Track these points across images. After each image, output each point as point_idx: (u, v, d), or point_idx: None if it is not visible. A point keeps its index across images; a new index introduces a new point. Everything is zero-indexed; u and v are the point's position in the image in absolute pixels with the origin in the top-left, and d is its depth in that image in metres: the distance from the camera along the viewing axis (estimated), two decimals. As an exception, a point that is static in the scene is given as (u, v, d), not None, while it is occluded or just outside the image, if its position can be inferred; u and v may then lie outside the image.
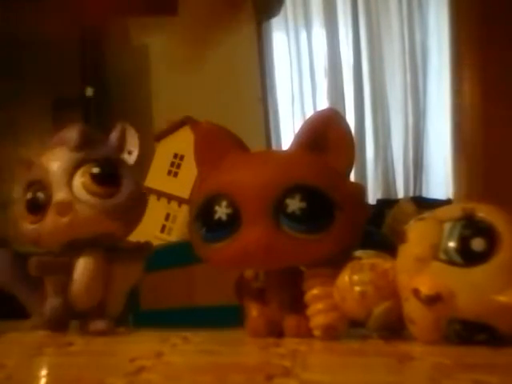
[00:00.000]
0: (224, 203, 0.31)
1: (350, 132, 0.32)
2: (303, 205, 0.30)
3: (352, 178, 0.33)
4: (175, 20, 1.97)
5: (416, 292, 0.27)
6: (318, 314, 0.31)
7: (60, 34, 1.73)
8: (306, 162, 0.32)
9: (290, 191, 0.30)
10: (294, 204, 0.30)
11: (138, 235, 0.38)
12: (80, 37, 1.75)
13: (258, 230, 0.30)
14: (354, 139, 0.32)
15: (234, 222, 0.31)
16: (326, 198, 0.30)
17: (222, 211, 0.31)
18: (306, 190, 0.30)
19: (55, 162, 0.37)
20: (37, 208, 0.37)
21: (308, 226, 0.30)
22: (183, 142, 1.37)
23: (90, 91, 1.72)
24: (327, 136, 0.31)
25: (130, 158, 0.38)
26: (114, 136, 0.38)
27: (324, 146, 0.32)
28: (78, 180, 0.36)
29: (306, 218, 0.30)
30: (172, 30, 1.98)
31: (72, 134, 0.37)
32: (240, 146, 0.34)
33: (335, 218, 0.30)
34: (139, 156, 0.39)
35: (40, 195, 0.37)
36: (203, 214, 0.32)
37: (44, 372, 0.23)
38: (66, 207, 0.36)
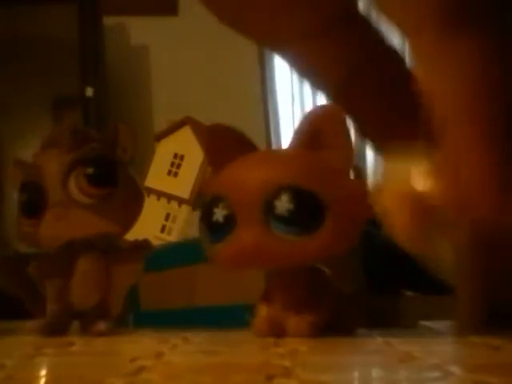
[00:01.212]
0: (221, 205, 0.31)
1: (346, 127, 0.32)
2: (291, 206, 0.30)
3: (352, 177, 0.33)
4: (175, 20, 1.97)
5: None
6: None
7: (60, 33, 1.73)
8: (298, 162, 0.32)
9: (278, 192, 0.30)
10: (282, 205, 0.30)
11: (137, 235, 0.38)
12: (80, 37, 1.75)
13: (248, 232, 0.30)
14: (354, 138, 0.32)
15: (230, 224, 0.31)
16: (314, 198, 0.30)
17: (219, 213, 0.31)
18: (294, 191, 0.30)
19: (49, 164, 0.36)
20: (32, 211, 0.36)
21: (296, 228, 0.30)
22: (183, 141, 1.38)
23: (89, 91, 1.72)
24: (323, 132, 0.31)
25: (126, 155, 0.38)
26: (107, 134, 0.38)
27: (320, 143, 0.31)
28: (73, 181, 0.36)
29: (293, 220, 0.30)
30: (172, 30, 1.98)
31: (65, 134, 0.37)
32: (248, 146, 0.34)
33: (325, 219, 0.30)
34: (136, 154, 0.38)
35: (35, 198, 0.36)
36: (205, 216, 0.32)
37: (44, 372, 0.23)
38: (61, 210, 0.35)
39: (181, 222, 1.38)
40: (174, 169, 1.40)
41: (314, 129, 0.32)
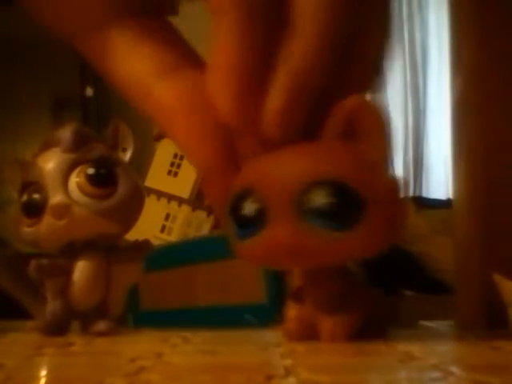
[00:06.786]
0: (251, 198, 0.29)
1: (383, 119, 0.29)
2: (329, 200, 0.28)
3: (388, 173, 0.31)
4: (175, 20, 1.97)
5: None
6: None
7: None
8: (335, 154, 0.29)
9: (315, 185, 0.28)
10: (320, 199, 0.28)
11: (137, 235, 0.38)
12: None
13: (281, 228, 0.28)
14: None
15: (261, 218, 0.29)
16: (354, 193, 0.28)
17: (249, 207, 0.29)
18: (333, 185, 0.28)
19: (50, 164, 0.37)
20: (33, 211, 0.36)
21: (334, 223, 0.28)
22: (183, 141, 1.36)
23: (89, 91, 1.72)
24: (358, 123, 0.29)
25: (125, 155, 0.38)
26: (107, 134, 0.38)
27: (354, 135, 0.29)
28: (74, 181, 0.36)
29: (332, 214, 0.28)
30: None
31: (65, 134, 0.37)
32: None
33: (364, 215, 0.28)
34: (137, 154, 0.38)
35: (35, 198, 0.36)
36: (233, 210, 0.30)
37: (44, 372, 0.23)
38: (62, 210, 0.35)
39: (181, 222, 1.38)
40: (174, 169, 1.40)
41: (348, 119, 0.29)
